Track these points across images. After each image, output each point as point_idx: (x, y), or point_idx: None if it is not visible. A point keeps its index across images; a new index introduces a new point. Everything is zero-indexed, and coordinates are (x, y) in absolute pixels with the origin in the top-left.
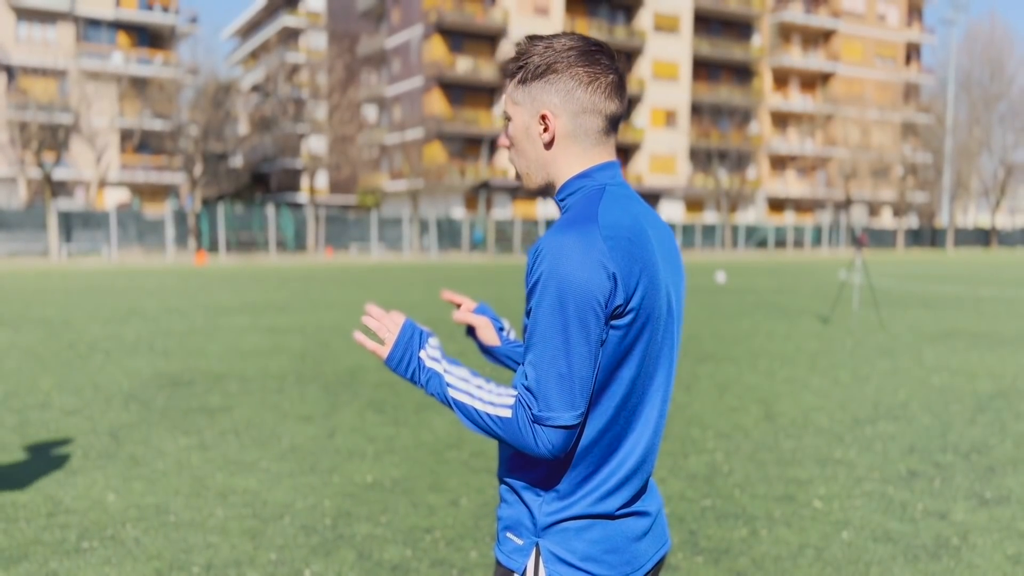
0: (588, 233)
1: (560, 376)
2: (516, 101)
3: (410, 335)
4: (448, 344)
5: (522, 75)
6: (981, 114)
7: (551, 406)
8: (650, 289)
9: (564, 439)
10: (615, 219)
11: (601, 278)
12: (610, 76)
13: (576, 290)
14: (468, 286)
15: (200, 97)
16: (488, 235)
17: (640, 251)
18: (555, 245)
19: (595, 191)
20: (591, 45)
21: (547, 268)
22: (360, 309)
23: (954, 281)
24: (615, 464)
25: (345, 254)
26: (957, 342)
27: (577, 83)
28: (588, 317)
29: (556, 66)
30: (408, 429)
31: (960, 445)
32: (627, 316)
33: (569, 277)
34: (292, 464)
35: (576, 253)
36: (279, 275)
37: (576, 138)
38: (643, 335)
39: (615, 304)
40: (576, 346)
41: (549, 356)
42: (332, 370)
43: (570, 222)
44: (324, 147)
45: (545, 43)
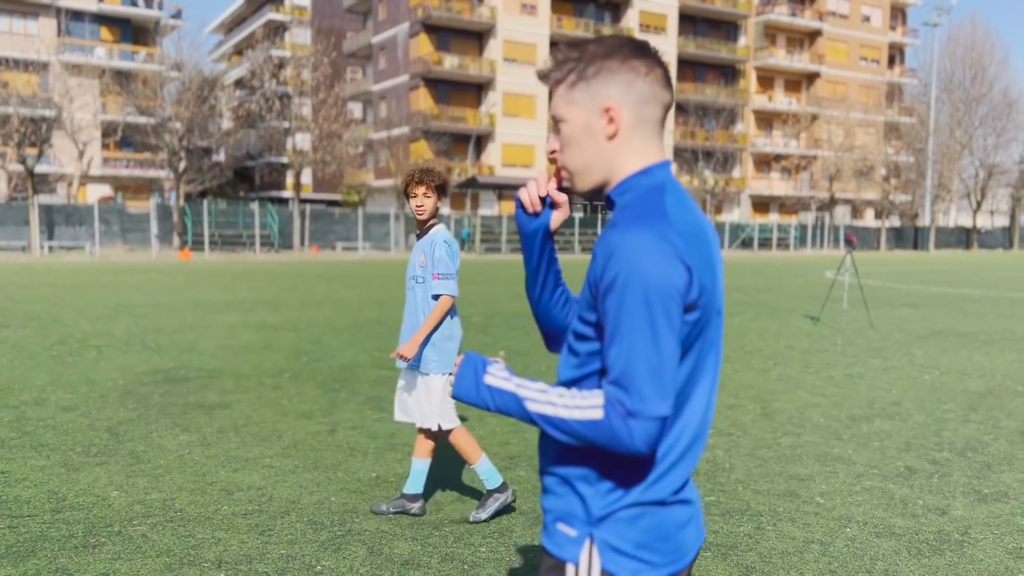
0: (663, 228)
1: (651, 368)
2: (572, 101)
3: (472, 364)
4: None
5: (576, 75)
6: (963, 116)
7: (645, 398)
8: (710, 286)
9: (659, 429)
10: (683, 216)
11: (680, 271)
12: (660, 68)
13: (659, 283)
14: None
15: (184, 92)
16: (474, 233)
17: (706, 250)
18: (631, 242)
19: (656, 188)
20: (637, 42)
21: (625, 265)
22: (349, 305)
23: (938, 281)
24: (666, 450)
25: (331, 251)
26: (945, 341)
27: (636, 74)
28: (672, 308)
29: (612, 61)
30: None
31: (955, 442)
32: (696, 312)
33: (651, 271)
34: (295, 460)
35: (654, 247)
36: (265, 272)
37: (638, 129)
38: (703, 332)
39: (691, 298)
40: (663, 337)
41: (639, 350)
42: (328, 367)
43: (639, 218)
44: (309, 143)
45: (594, 43)
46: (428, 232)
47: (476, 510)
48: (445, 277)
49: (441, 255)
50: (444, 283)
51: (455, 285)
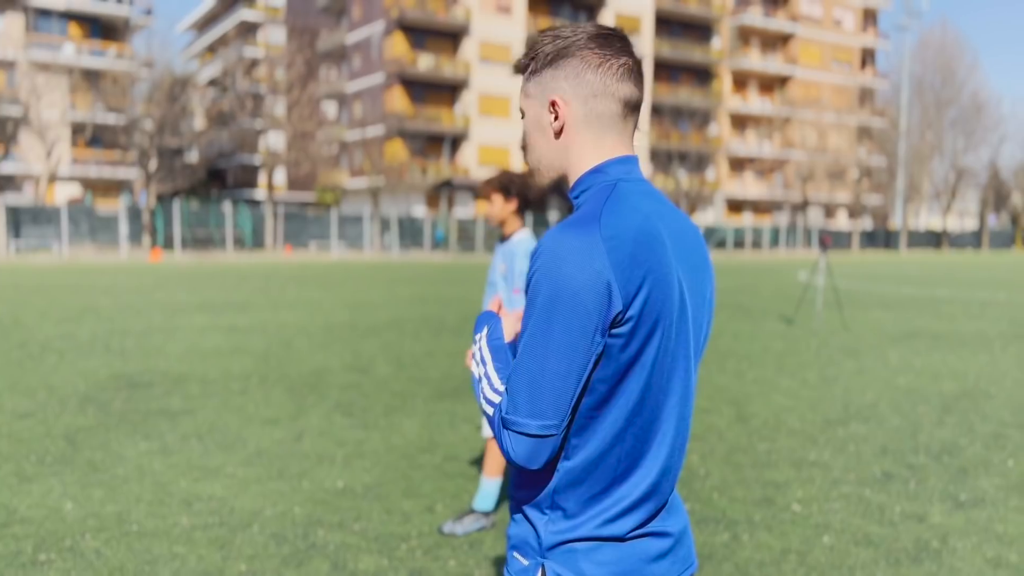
0: (587, 235)
1: (531, 381)
2: (528, 93)
3: (484, 321)
4: (448, 342)
5: (533, 66)
6: (933, 119)
7: (517, 410)
8: (657, 295)
9: (531, 449)
10: (621, 219)
11: (595, 285)
12: (623, 58)
13: (566, 295)
14: (431, 285)
15: (155, 91)
16: (450, 234)
17: (647, 254)
18: (552, 245)
19: (605, 187)
20: (602, 29)
21: (541, 268)
22: (322, 307)
23: (910, 282)
24: (627, 485)
25: (304, 252)
26: (919, 343)
27: (586, 65)
28: (574, 325)
29: (566, 51)
30: (378, 432)
31: (931, 446)
32: (626, 324)
33: (561, 280)
34: (259, 469)
35: (571, 255)
36: (237, 273)
37: (588, 124)
38: (649, 345)
39: (613, 312)
40: (555, 353)
41: (525, 358)
42: (297, 371)
43: (572, 221)
44: (283, 143)
45: (555, 32)
46: (511, 239)
47: (452, 522)
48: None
49: (523, 268)
50: (523, 299)
51: None
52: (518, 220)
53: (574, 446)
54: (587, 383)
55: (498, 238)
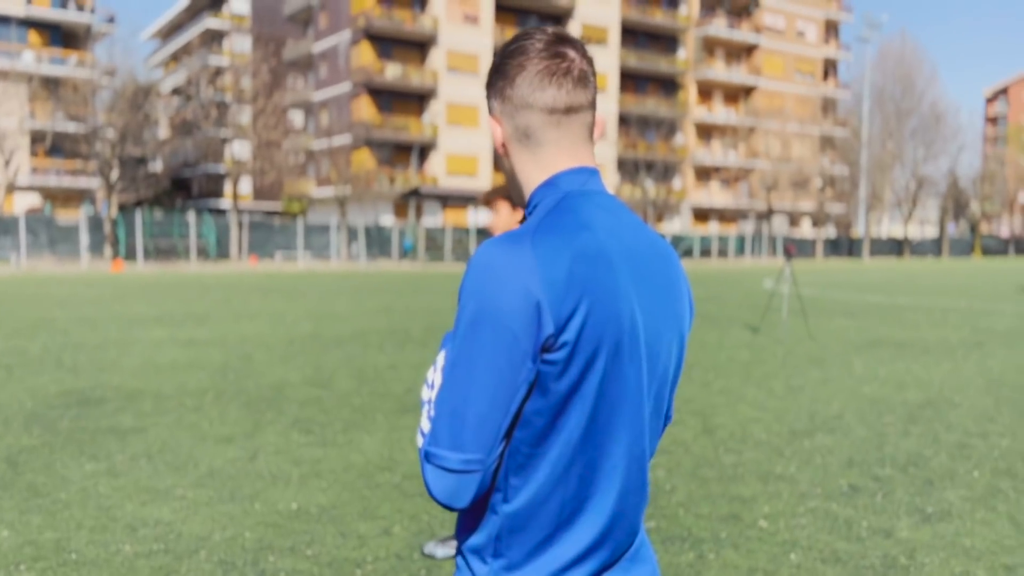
0: (518, 249)
1: (453, 410)
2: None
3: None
4: (412, 353)
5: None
6: (894, 128)
7: (438, 442)
8: (598, 319)
9: (452, 486)
10: (560, 233)
11: (522, 304)
12: (542, 63)
13: (491, 315)
14: (399, 295)
15: (117, 99)
16: (418, 243)
17: (587, 272)
18: (481, 260)
19: (553, 201)
20: (526, 34)
21: (468, 283)
22: (285, 319)
23: (873, 290)
24: (575, 532)
25: (270, 262)
26: (883, 351)
27: (506, 81)
28: (499, 349)
29: (494, 67)
30: (336, 450)
31: (897, 457)
32: (560, 350)
33: (487, 298)
34: (210, 491)
35: (498, 271)
36: (200, 284)
37: (520, 142)
38: (590, 375)
39: (543, 336)
40: (479, 380)
41: (447, 384)
42: (255, 386)
43: (507, 236)
44: (248, 152)
45: (501, 46)
46: None
47: (435, 543)
48: None
49: None
50: None
51: None
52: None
53: (514, 487)
54: (519, 415)
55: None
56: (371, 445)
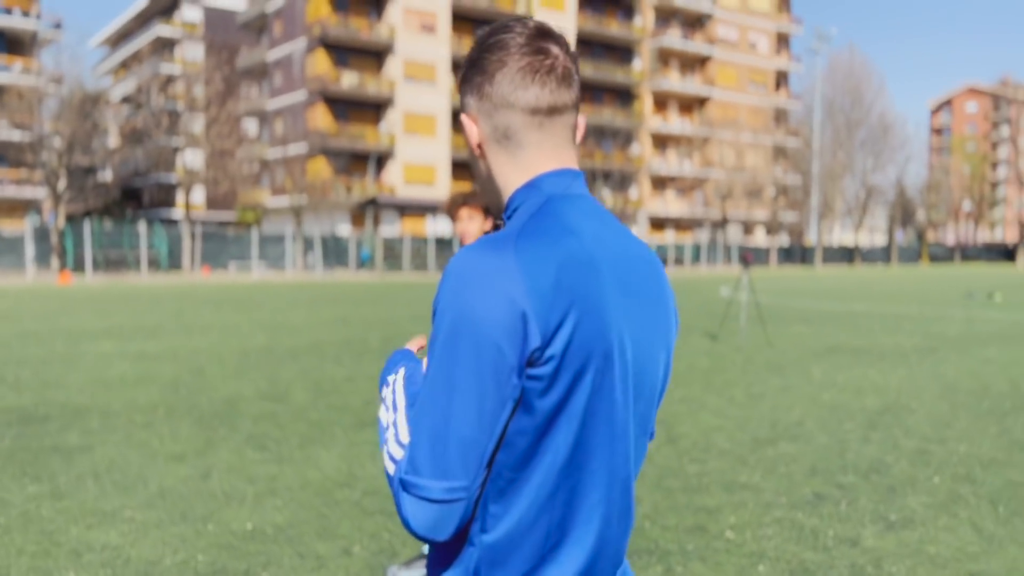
0: (500, 255)
1: (434, 433)
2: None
3: (400, 359)
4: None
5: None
6: (844, 139)
7: (417, 469)
8: (586, 330)
9: (435, 517)
10: (544, 239)
11: (507, 314)
12: (524, 60)
13: (472, 326)
14: (356, 306)
15: (65, 107)
16: (376, 253)
17: (575, 280)
18: (460, 266)
19: (536, 205)
20: (505, 25)
21: (446, 292)
22: (238, 331)
23: (827, 297)
24: (558, 563)
25: (224, 273)
26: (840, 358)
27: (484, 76)
28: (483, 363)
29: (471, 62)
30: (292, 467)
31: (859, 464)
32: (546, 364)
33: (467, 308)
34: (161, 512)
35: (480, 279)
36: (151, 296)
37: (499, 143)
38: (577, 391)
39: (529, 349)
40: (462, 397)
41: (427, 404)
42: (207, 401)
43: (488, 241)
44: (201, 162)
45: (478, 37)
46: None
47: (399, 567)
48: None
49: None
50: None
51: None
52: None
53: (494, 515)
54: (503, 435)
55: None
56: (329, 461)
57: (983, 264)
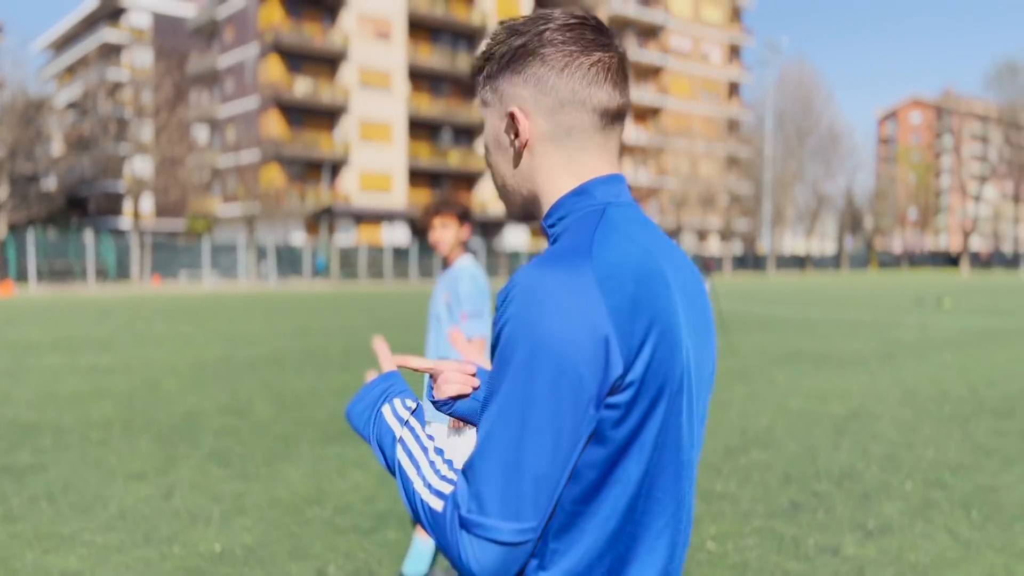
0: (577, 273)
1: (507, 470)
2: (485, 102)
3: (383, 384)
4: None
5: (488, 68)
6: (795, 148)
7: (485, 509)
8: (663, 351)
9: (501, 560)
10: (617, 252)
11: (589, 340)
12: (595, 55)
13: (551, 354)
14: (314, 315)
15: (6, 113)
16: (331, 262)
17: (651, 297)
18: (532, 285)
19: (592, 213)
20: (571, 17)
21: (516, 315)
22: (194, 342)
23: (783, 304)
24: None
25: (174, 283)
26: (803, 364)
27: (549, 68)
28: (563, 394)
29: (524, 49)
30: (259, 484)
31: (831, 471)
32: (626, 391)
33: (545, 333)
34: (122, 534)
35: (558, 300)
36: (99, 307)
37: (558, 142)
38: (651, 418)
39: (612, 377)
40: (537, 432)
41: (498, 437)
42: (165, 416)
43: (556, 255)
44: (150, 169)
45: (513, 24)
46: (453, 266)
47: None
48: (473, 316)
49: (468, 291)
50: (472, 324)
51: (486, 325)
52: (462, 248)
53: (554, 551)
54: (573, 469)
55: (441, 266)
56: (297, 477)
57: (929, 271)
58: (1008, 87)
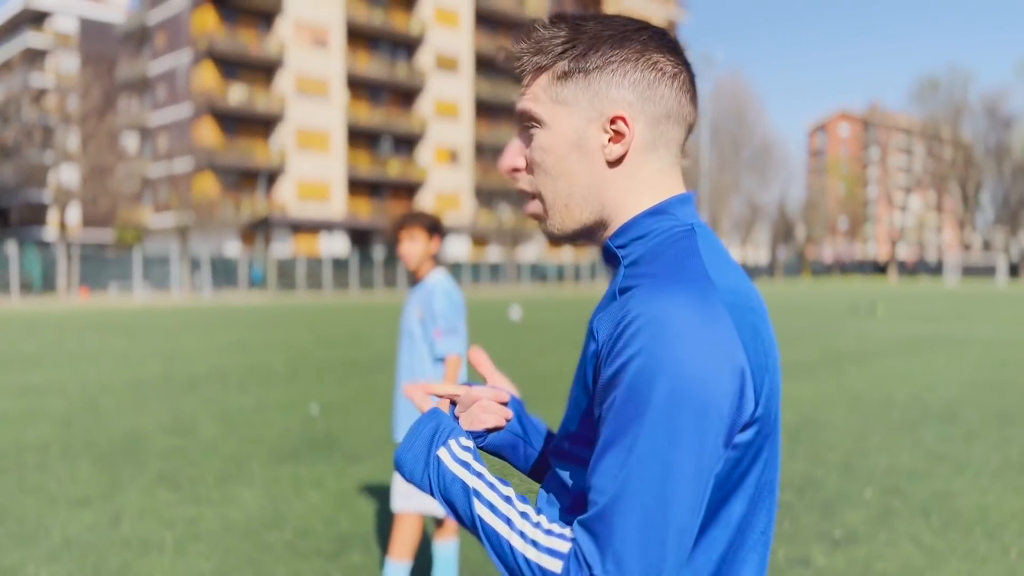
0: (708, 300)
1: (648, 524)
2: (561, 100)
3: (432, 421)
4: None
5: (571, 62)
6: (730, 159)
7: (623, 565)
8: (773, 386)
9: None
10: (730, 278)
11: (731, 374)
12: (685, 70)
13: (697, 391)
14: (253, 329)
15: None
16: (268, 273)
17: (763, 327)
18: (660, 314)
19: (682, 235)
20: (657, 28)
21: (647, 349)
22: (129, 359)
23: None
24: None
25: (104, 296)
26: None
27: (660, 75)
28: (708, 435)
29: (626, 50)
30: (212, 507)
31: (792, 481)
32: (750, 429)
33: (687, 368)
34: (69, 565)
35: (694, 331)
36: (25, 322)
37: (654, 154)
38: (761, 456)
39: (745, 415)
40: (682, 479)
41: (636, 487)
42: (106, 437)
43: (674, 280)
44: (76, 178)
45: (600, 20)
46: (425, 281)
47: None
48: (449, 333)
49: (442, 307)
50: (448, 341)
51: (462, 342)
52: (433, 262)
53: None
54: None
55: (410, 281)
56: (251, 499)
57: (859, 278)
58: (930, 102)
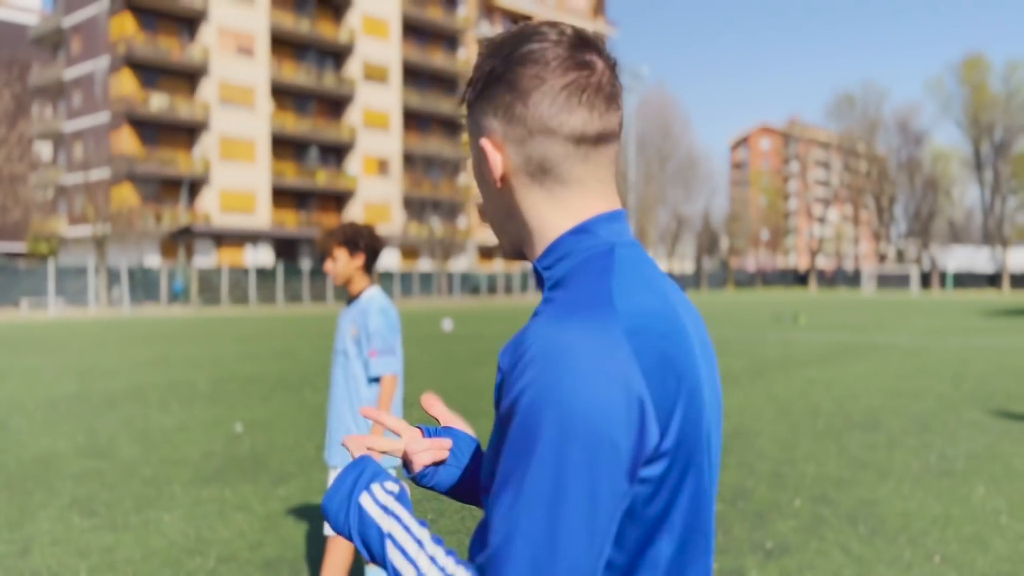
0: (604, 328)
1: (537, 565)
2: (468, 131)
3: (357, 470)
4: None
5: (468, 95)
6: (656, 172)
7: None
8: (692, 414)
9: None
10: (640, 302)
11: (625, 405)
12: (567, 75)
13: (586, 425)
14: (174, 343)
15: None
16: (191, 285)
17: (678, 354)
18: (553, 345)
19: (599, 255)
20: (535, 31)
21: (537, 381)
22: (41, 376)
23: None
24: None
25: (14, 311)
26: None
27: (515, 95)
28: (600, 470)
29: (493, 75)
30: (130, 534)
31: (723, 491)
32: (658, 463)
33: (576, 402)
34: None
35: (588, 362)
36: None
37: (535, 177)
38: (683, 488)
39: (647, 447)
40: (572, 517)
41: (525, 526)
42: (15, 460)
43: (573, 307)
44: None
45: (495, 42)
46: (359, 298)
47: None
48: (384, 353)
49: (377, 326)
50: (384, 360)
51: (398, 362)
52: (366, 277)
53: None
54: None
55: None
56: (172, 524)
57: (781, 288)
58: (846, 117)
